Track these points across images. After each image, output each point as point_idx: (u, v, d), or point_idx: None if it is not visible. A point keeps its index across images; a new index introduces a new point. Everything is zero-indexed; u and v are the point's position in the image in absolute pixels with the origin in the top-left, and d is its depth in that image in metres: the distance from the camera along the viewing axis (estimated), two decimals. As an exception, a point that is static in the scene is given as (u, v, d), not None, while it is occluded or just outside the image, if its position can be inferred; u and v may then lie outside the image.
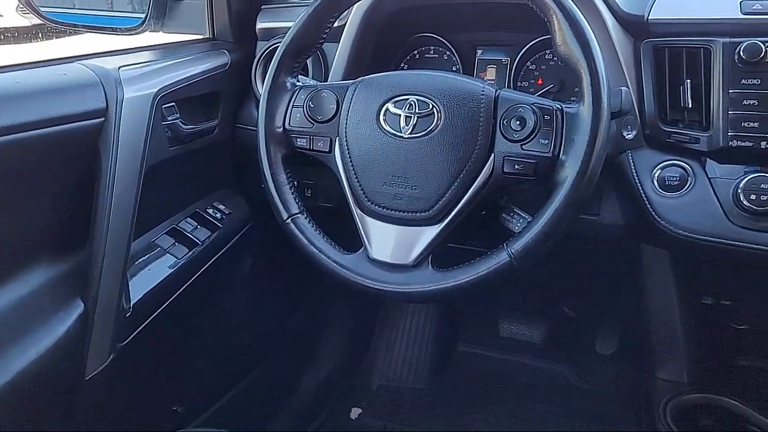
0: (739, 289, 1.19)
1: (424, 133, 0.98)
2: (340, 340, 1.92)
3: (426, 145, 0.98)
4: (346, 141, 1.04)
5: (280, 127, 1.09)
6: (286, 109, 1.09)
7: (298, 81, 1.12)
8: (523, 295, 1.83)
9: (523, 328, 1.91)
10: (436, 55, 1.40)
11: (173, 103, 1.24)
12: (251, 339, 1.62)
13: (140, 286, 1.19)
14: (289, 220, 1.06)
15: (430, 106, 0.99)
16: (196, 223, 1.35)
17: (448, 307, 1.95)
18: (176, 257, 1.27)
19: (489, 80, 1.35)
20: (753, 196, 0.98)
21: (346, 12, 1.27)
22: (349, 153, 1.03)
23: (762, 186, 0.98)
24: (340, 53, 1.30)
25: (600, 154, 0.91)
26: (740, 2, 1.06)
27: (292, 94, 1.10)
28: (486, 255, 0.95)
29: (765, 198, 0.98)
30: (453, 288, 0.95)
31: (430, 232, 0.98)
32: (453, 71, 1.37)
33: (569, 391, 1.76)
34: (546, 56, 1.30)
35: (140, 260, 1.22)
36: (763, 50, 1.00)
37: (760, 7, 1.05)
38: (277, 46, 1.09)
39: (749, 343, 1.30)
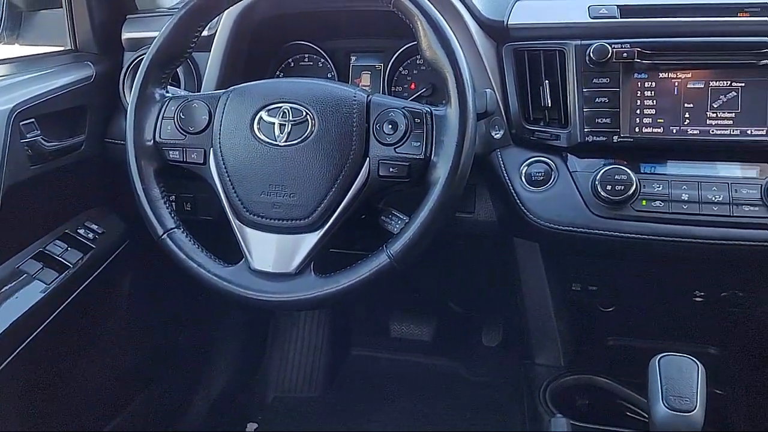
0: (603, 275, 1.28)
1: (299, 140, 0.99)
2: (232, 355, 1.88)
3: (302, 153, 0.98)
4: (221, 152, 1.02)
5: (150, 140, 1.05)
6: (156, 121, 1.06)
7: (167, 92, 1.09)
8: (411, 295, 1.87)
9: (412, 327, 1.95)
10: (311, 63, 1.41)
11: (33, 120, 1.17)
12: (137, 362, 1.55)
13: (5, 316, 1.12)
14: (164, 236, 1.02)
15: (304, 114, 0.99)
16: (67, 245, 1.27)
17: (340, 312, 1.96)
18: (45, 283, 1.20)
19: (364, 86, 1.37)
20: (609, 187, 1.06)
21: (216, 20, 1.26)
22: (224, 164, 1.02)
23: (616, 177, 1.06)
24: (211, 62, 1.27)
25: (469, 154, 0.95)
26: (589, 7, 1.14)
27: (162, 106, 1.06)
28: (367, 258, 0.97)
29: (619, 188, 1.05)
30: (336, 292, 0.95)
31: (310, 239, 0.98)
32: (328, 78, 1.38)
33: (460, 385, 1.82)
34: (417, 61, 1.34)
35: (4, 289, 1.15)
36: (610, 51, 1.08)
37: (606, 11, 1.13)
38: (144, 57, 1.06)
39: (616, 324, 1.40)
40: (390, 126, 0.98)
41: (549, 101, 1.13)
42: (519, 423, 1.34)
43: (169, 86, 1.10)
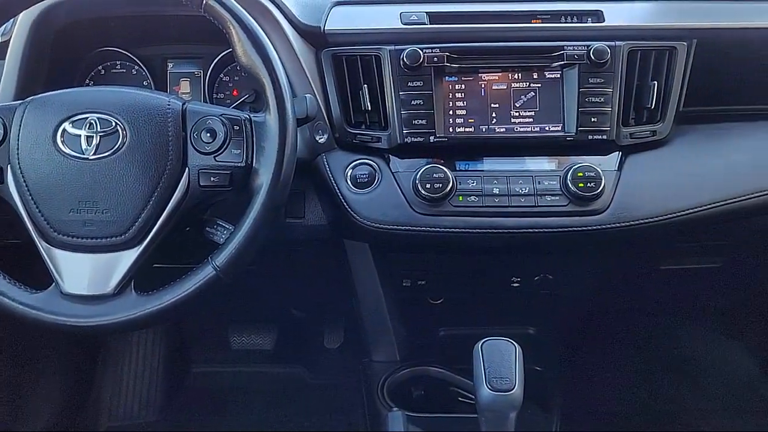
0: (430, 269, 1.34)
1: (109, 152, 0.93)
2: (59, 386, 1.73)
3: (113, 166, 0.93)
4: (20, 168, 0.93)
5: (-66, 161, 0.94)
6: (-61, 140, 0.95)
7: (-48, 106, 0.98)
8: (250, 304, 1.84)
9: (253, 337, 1.92)
10: (124, 70, 1.33)
11: None
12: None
13: None
14: (-47, 266, 0.92)
15: (113, 124, 0.94)
16: None
17: (175, 329, 1.88)
18: None
19: (183, 93, 1.32)
20: (428, 185, 1.11)
21: (11, 23, 1.15)
22: (24, 181, 0.93)
23: (434, 175, 1.11)
24: (7, 71, 1.16)
25: (291, 159, 0.95)
26: (401, 13, 1.19)
27: None
28: (191, 271, 0.93)
29: (437, 186, 1.11)
30: (160, 311, 0.91)
31: (129, 257, 0.93)
32: (144, 86, 1.32)
33: (305, 390, 1.82)
34: (238, 67, 1.32)
35: None
36: (422, 56, 1.13)
37: (416, 18, 1.19)
38: None
39: (446, 315, 1.48)
40: (208, 134, 0.96)
41: (369, 105, 1.16)
42: (361, 421, 1.36)
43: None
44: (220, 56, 1.28)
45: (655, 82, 1.16)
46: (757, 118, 1.27)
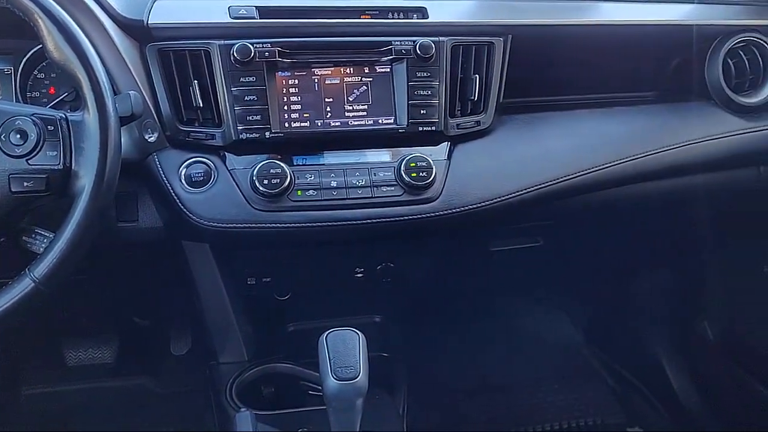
0: (274, 266, 1.33)
1: None
2: None
3: None
4: None
5: None
6: None
7: None
8: (86, 316, 1.73)
9: (92, 351, 1.79)
10: None
11: None
12: None
13: None
14: None
15: None
16: None
17: (1, 348, 1.71)
18: None
19: (-7, 93, 1.21)
20: (266, 181, 1.10)
21: None
22: None
23: (271, 171, 1.10)
24: None
25: (115, 160, 0.90)
26: (229, 7, 1.16)
27: None
28: (7, 285, 0.86)
29: (275, 181, 1.10)
30: (-29, 331, 0.83)
31: (-71, 274, 0.84)
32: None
33: (153, 401, 1.74)
34: (54, 63, 1.22)
35: None
36: (253, 51, 1.11)
37: (246, 12, 1.16)
38: None
39: (294, 310, 1.47)
40: (18, 136, 0.88)
41: (200, 101, 1.12)
42: (212, 426, 1.33)
43: None
44: (32, 52, 1.18)
45: (477, 75, 1.23)
46: (572, 107, 1.38)
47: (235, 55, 1.11)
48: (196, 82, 1.12)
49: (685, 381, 1.81)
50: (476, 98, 1.23)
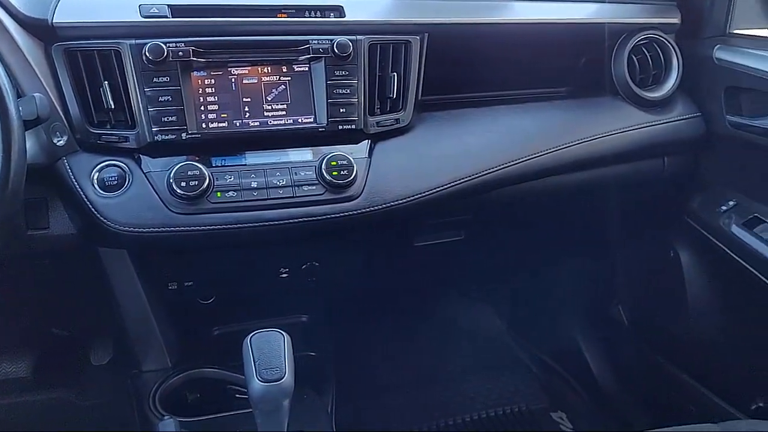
0: (196, 269, 1.30)
1: None
2: None
3: None
4: None
5: None
6: None
7: None
8: None
9: (6, 365, 1.70)
10: None
11: None
12: None
13: None
14: None
15: None
16: None
17: None
18: None
19: None
20: (183, 183, 1.08)
21: None
22: None
23: (189, 173, 1.08)
24: None
25: (19, 165, 0.87)
26: (139, 6, 1.13)
27: None
28: None
29: (193, 183, 1.08)
30: None
31: None
32: None
33: (74, 414, 1.67)
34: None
35: None
36: (165, 50, 1.09)
37: (157, 11, 1.13)
38: None
39: (219, 314, 1.45)
40: None
41: (111, 103, 1.09)
42: (136, 437, 1.29)
43: None
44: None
45: (395, 74, 1.24)
46: (489, 103, 1.42)
47: (148, 55, 1.08)
48: (106, 83, 1.09)
49: (602, 364, 1.90)
50: (395, 96, 1.25)
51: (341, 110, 1.19)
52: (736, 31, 1.43)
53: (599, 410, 1.86)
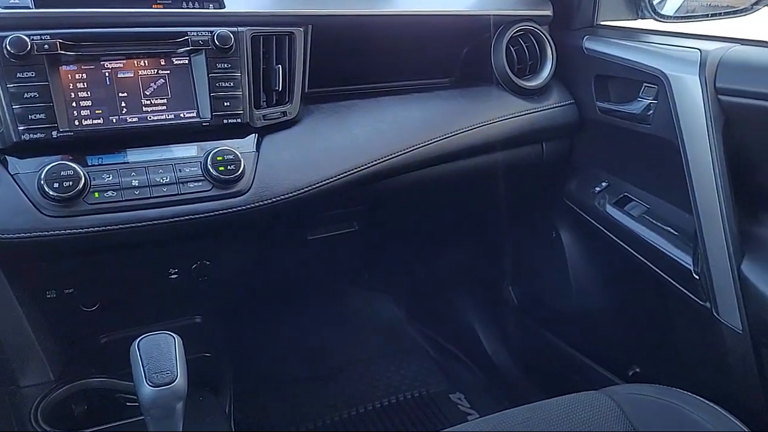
0: (76, 275, 1.23)
1: None
2: None
3: None
4: None
5: None
6: None
7: None
8: None
9: None
10: None
11: None
12: None
13: None
14: None
15: None
16: None
17: None
18: None
19: None
20: (56, 185, 1.01)
21: None
22: None
23: (62, 173, 1.02)
24: None
25: None
26: (0, -4, 1.05)
27: None
28: None
29: (67, 184, 1.02)
30: None
31: None
32: None
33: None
34: None
35: None
36: (29, 43, 1.02)
37: (19, 1, 1.06)
38: None
39: (105, 321, 1.38)
40: None
41: (-31, 101, 1.01)
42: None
43: None
44: None
45: (280, 66, 1.22)
46: (376, 95, 1.43)
47: (9, 48, 1.00)
48: (-38, 79, 1.01)
49: (496, 343, 1.97)
50: (281, 89, 1.23)
51: (225, 104, 1.16)
52: (602, 23, 1.52)
53: (495, 388, 1.94)
